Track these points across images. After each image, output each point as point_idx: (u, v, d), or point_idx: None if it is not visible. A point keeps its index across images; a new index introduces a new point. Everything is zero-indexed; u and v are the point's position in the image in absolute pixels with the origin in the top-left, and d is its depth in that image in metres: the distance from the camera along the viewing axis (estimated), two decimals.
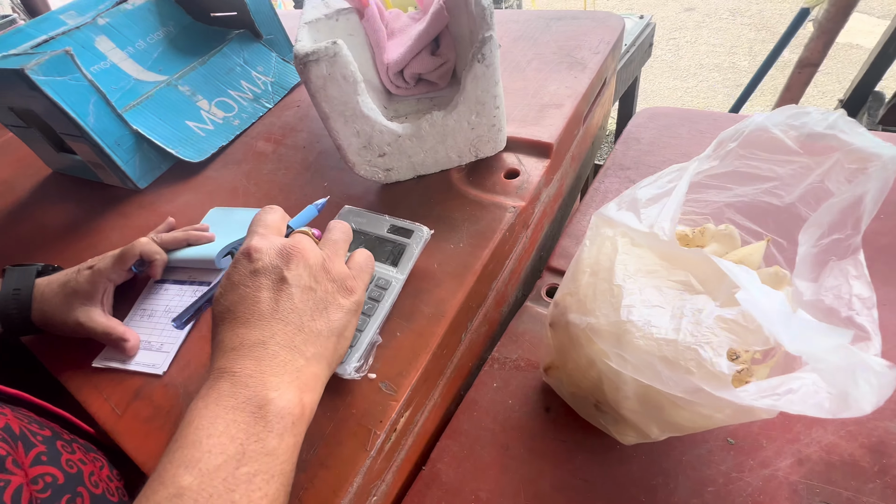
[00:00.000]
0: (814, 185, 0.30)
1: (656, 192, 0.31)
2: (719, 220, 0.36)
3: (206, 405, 0.24)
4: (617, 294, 0.28)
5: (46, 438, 0.34)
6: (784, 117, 0.30)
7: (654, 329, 0.25)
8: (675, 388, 0.24)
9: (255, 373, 0.25)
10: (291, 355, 0.27)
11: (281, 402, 0.25)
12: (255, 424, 0.24)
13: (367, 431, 0.33)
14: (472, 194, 0.47)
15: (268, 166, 0.60)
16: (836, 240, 0.28)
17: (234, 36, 0.73)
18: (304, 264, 0.29)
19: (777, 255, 0.34)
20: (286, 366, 0.26)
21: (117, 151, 0.59)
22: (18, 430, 0.32)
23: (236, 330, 0.27)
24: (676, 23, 2.69)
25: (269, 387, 0.25)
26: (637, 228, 0.29)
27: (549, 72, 0.58)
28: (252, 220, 0.32)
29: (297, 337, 0.27)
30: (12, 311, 0.43)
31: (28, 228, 0.64)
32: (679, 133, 0.60)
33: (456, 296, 0.39)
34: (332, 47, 0.37)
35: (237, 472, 0.22)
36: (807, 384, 0.21)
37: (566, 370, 0.34)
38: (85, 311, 0.42)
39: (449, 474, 0.37)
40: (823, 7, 0.87)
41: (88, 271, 0.44)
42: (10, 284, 0.44)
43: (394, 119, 0.51)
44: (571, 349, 0.32)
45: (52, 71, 0.51)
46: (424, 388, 0.37)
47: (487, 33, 0.38)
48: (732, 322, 0.24)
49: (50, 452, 0.33)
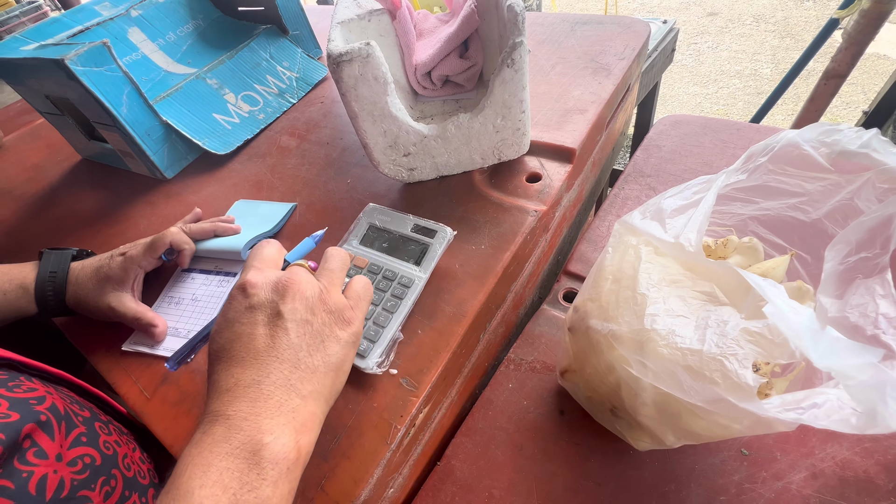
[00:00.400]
0: (843, 202, 0.30)
1: (682, 202, 0.32)
2: (743, 233, 0.36)
3: (199, 452, 0.23)
4: (641, 302, 0.28)
5: (86, 419, 0.35)
6: (816, 134, 0.30)
7: (678, 339, 0.26)
8: (697, 398, 0.25)
9: (249, 415, 0.24)
10: (287, 395, 0.26)
11: (276, 447, 0.24)
12: (249, 472, 0.23)
13: (387, 425, 0.34)
14: (495, 196, 0.47)
15: (292, 161, 0.61)
16: (864, 258, 0.28)
17: (262, 31, 0.74)
18: (299, 297, 0.28)
19: (800, 269, 0.34)
20: (281, 407, 0.25)
21: (147, 141, 0.61)
22: (63, 410, 0.33)
23: (231, 369, 0.26)
24: (698, 27, 2.65)
25: (263, 430, 0.24)
26: (663, 238, 0.29)
27: (573, 76, 0.59)
28: (248, 255, 0.32)
29: (293, 375, 0.26)
30: (48, 293, 0.44)
31: (60, 213, 0.66)
32: (701, 142, 0.60)
33: (476, 297, 0.39)
34: (365, 48, 0.38)
35: None
36: (831, 399, 0.21)
37: (584, 374, 0.35)
38: (116, 296, 0.44)
39: (463, 471, 0.38)
40: (854, 18, 0.86)
41: (121, 258, 0.45)
42: (47, 267, 0.45)
43: (420, 120, 0.51)
44: (591, 354, 0.32)
45: (90, 62, 0.53)
46: (443, 385, 0.38)
47: (518, 38, 0.39)
48: (758, 335, 0.24)
49: (89, 433, 0.34)
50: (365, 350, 0.36)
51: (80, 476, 0.31)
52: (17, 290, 0.44)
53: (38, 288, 0.44)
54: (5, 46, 0.61)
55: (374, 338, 0.37)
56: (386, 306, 0.38)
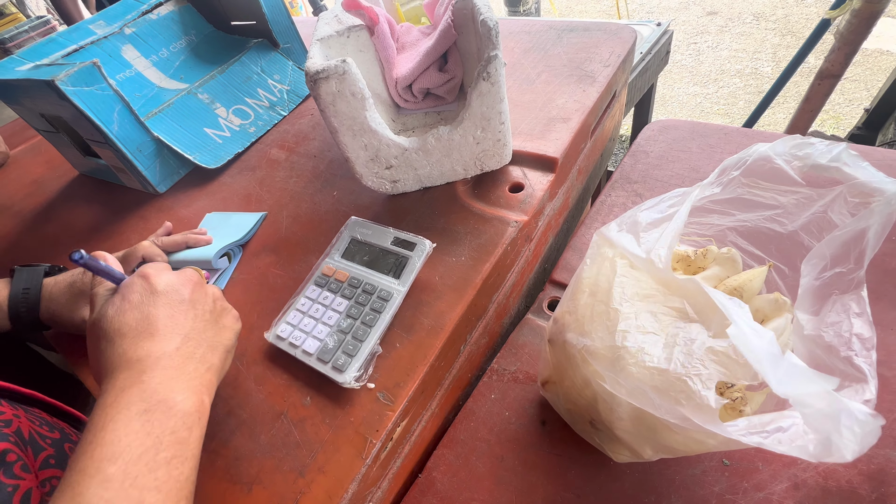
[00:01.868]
0: (817, 215, 0.30)
1: (657, 216, 0.32)
2: (722, 243, 0.36)
3: (117, 411, 0.27)
4: (613, 318, 0.28)
5: (55, 441, 0.35)
6: (788, 147, 0.30)
7: (646, 357, 0.26)
8: (667, 416, 0.24)
9: (163, 380, 0.29)
10: (194, 365, 0.31)
11: (187, 405, 0.29)
12: (167, 421, 0.28)
13: (363, 440, 0.34)
14: (476, 207, 0.48)
15: (280, 174, 0.62)
16: (839, 273, 0.27)
17: (253, 45, 0.75)
18: (201, 291, 0.35)
19: (778, 281, 0.34)
20: (190, 374, 0.31)
21: (139, 157, 0.62)
22: (28, 435, 0.33)
23: (140, 343, 0.30)
24: (698, 27, 2.64)
25: (175, 391, 0.29)
26: (635, 253, 0.29)
27: (558, 84, 0.59)
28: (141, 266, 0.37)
29: (197, 350, 0.32)
30: (21, 310, 0.46)
31: (55, 228, 0.67)
32: (689, 147, 0.60)
33: (455, 309, 0.40)
34: (341, 65, 0.38)
35: (157, 457, 0.26)
36: (797, 424, 0.21)
37: (563, 387, 0.35)
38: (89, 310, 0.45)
39: (444, 483, 0.38)
40: (845, 18, 0.85)
41: None
42: (20, 284, 0.47)
43: (401, 132, 0.52)
44: (568, 367, 0.32)
45: (80, 81, 0.54)
46: (421, 398, 0.38)
47: (493, 52, 0.39)
48: (723, 354, 0.24)
49: (58, 455, 0.34)
50: (343, 364, 0.36)
51: (49, 498, 0.31)
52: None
53: (12, 304, 0.45)
54: (2, 67, 0.63)
55: (352, 352, 0.37)
56: (365, 320, 0.39)
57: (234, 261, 0.52)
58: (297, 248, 0.50)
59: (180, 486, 0.27)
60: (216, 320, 0.35)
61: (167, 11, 0.73)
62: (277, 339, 0.40)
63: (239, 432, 0.37)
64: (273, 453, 0.35)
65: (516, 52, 0.67)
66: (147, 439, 0.26)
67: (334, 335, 0.38)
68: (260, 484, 0.34)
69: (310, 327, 0.40)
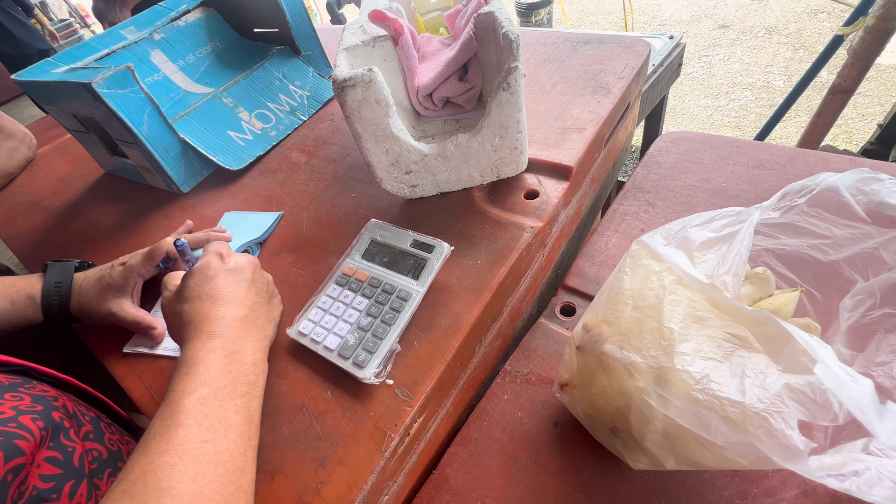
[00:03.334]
0: (867, 250, 0.30)
1: (711, 235, 0.31)
2: (756, 262, 0.36)
3: (206, 353, 0.34)
4: (668, 337, 0.27)
5: (92, 419, 0.38)
6: (855, 180, 0.29)
7: (714, 385, 0.25)
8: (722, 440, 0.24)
9: (238, 337, 0.36)
10: (256, 331, 0.38)
11: (255, 357, 0.36)
12: (241, 366, 0.35)
13: (382, 433, 0.35)
14: (492, 213, 0.49)
15: (301, 176, 0.64)
16: (888, 314, 0.27)
17: (276, 52, 0.77)
18: (260, 273, 0.43)
19: (808, 306, 0.34)
20: (256, 336, 0.38)
21: (165, 158, 0.64)
22: (72, 410, 0.37)
23: (217, 308, 0.37)
24: (710, 40, 2.65)
25: (246, 347, 0.36)
26: (694, 275, 0.28)
27: (573, 95, 0.60)
28: (206, 246, 0.43)
29: (258, 320, 0.39)
30: (54, 302, 0.48)
31: (82, 224, 0.70)
32: (701, 158, 0.61)
33: (472, 310, 0.41)
34: (367, 74, 0.40)
35: (235, 390, 0.33)
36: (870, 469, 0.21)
37: (587, 392, 0.34)
38: (117, 303, 0.47)
39: (457, 479, 0.39)
40: (858, 34, 0.86)
41: (121, 267, 0.49)
42: (52, 278, 0.49)
43: (421, 139, 0.53)
44: (600, 375, 0.32)
45: (115, 84, 0.56)
46: (438, 396, 0.39)
47: (513, 64, 0.41)
48: (801, 392, 0.23)
49: (96, 431, 0.37)
50: (363, 361, 0.38)
51: (92, 466, 0.34)
52: (25, 299, 0.48)
53: (45, 297, 0.48)
54: (38, 70, 0.66)
55: (372, 349, 0.38)
56: (384, 318, 0.40)
57: None
58: (317, 248, 0.52)
59: (252, 414, 0.33)
60: (269, 299, 0.43)
61: (194, 18, 0.76)
62: (299, 335, 0.42)
63: (262, 423, 0.38)
64: (295, 444, 0.36)
65: (532, 63, 0.69)
66: (228, 376, 0.33)
67: (355, 332, 0.40)
68: (282, 473, 0.35)
69: (331, 324, 0.41)
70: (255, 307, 0.39)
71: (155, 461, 0.27)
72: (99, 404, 0.44)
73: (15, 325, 0.48)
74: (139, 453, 0.28)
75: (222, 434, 0.30)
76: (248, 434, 0.32)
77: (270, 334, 0.40)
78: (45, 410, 0.34)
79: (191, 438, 0.29)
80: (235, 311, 0.37)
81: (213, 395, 0.31)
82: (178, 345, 0.37)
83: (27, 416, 0.32)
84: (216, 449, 0.29)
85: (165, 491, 0.26)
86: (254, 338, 0.37)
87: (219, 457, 0.29)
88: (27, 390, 0.35)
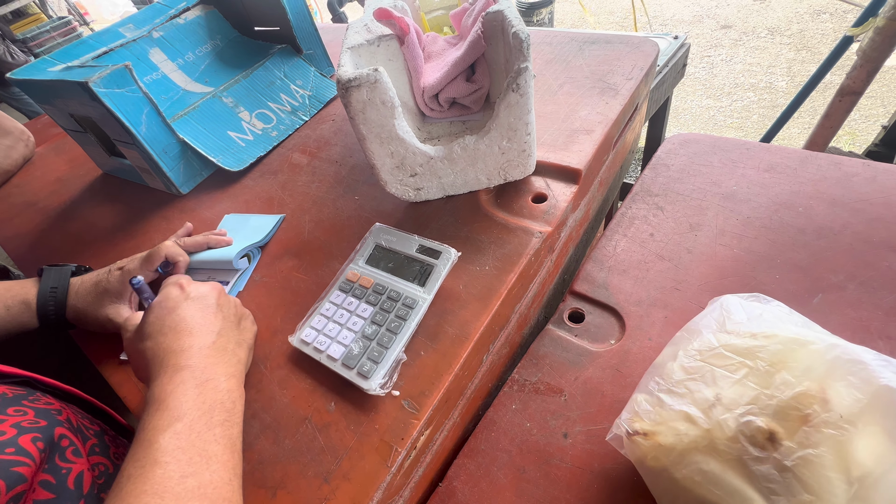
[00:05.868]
0: None
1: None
2: None
3: (175, 386, 0.32)
4: None
5: (96, 432, 0.37)
6: None
7: None
8: None
9: (208, 365, 0.34)
10: (227, 357, 0.36)
11: (230, 384, 0.35)
12: (216, 394, 0.33)
13: (388, 447, 0.34)
14: (500, 217, 0.48)
15: (302, 178, 0.62)
16: None
17: (277, 50, 0.76)
18: (225, 298, 0.41)
19: None
20: (228, 361, 0.36)
21: (164, 158, 0.63)
22: (76, 423, 0.36)
23: (181, 339, 0.35)
24: (712, 40, 2.64)
25: (218, 374, 0.34)
26: None
27: (580, 96, 0.59)
28: (167, 279, 0.41)
29: (228, 345, 0.37)
30: (49, 308, 0.47)
31: (79, 226, 0.68)
32: (710, 161, 0.59)
33: (480, 318, 0.40)
34: (373, 74, 0.39)
35: (212, 419, 0.31)
36: None
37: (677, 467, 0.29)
38: (114, 308, 0.46)
39: (465, 493, 0.38)
40: (868, 35, 0.85)
41: (119, 272, 0.47)
42: (48, 283, 0.48)
43: (427, 141, 0.52)
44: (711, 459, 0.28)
45: (112, 84, 0.55)
46: (445, 407, 0.38)
47: (523, 64, 0.39)
48: None
49: (101, 444, 0.36)
50: (368, 371, 0.36)
51: (99, 481, 0.33)
52: (20, 305, 0.46)
53: (40, 303, 0.46)
54: (34, 68, 0.64)
55: (377, 359, 0.37)
56: (390, 327, 0.39)
57: (253, 262, 0.53)
58: (320, 252, 0.51)
59: (233, 442, 0.32)
60: (238, 322, 0.41)
61: (194, 16, 0.74)
62: (302, 344, 0.40)
63: (263, 436, 0.37)
64: (297, 458, 0.35)
65: (538, 63, 0.67)
66: (203, 405, 0.32)
67: (359, 341, 0.39)
68: (284, 489, 0.34)
69: (334, 332, 0.40)
70: (223, 332, 0.38)
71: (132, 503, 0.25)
72: (102, 415, 0.42)
73: (10, 331, 0.46)
74: (113, 499, 0.26)
75: (203, 466, 0.29)
76: (232, 463, 0.31)
77: (244, 359, 0.39)
78: (48, 426, 0.33)
79: (170, 475, 0.27)
80: (203, 340, 0.36)
81: (189, 428, 0.30)
82: (145, 385, 0.35)
83: (27, 437, 0.31)
84: (199, 483, 0.28)
85: None
86: (225, 363, 0.36)
87: (202, 490, 0.28)
88: (31, 403, 0.34)
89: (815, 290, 0.42)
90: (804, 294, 0.42)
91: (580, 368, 0.42)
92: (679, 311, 0.43)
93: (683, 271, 0.46)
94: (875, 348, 0.39)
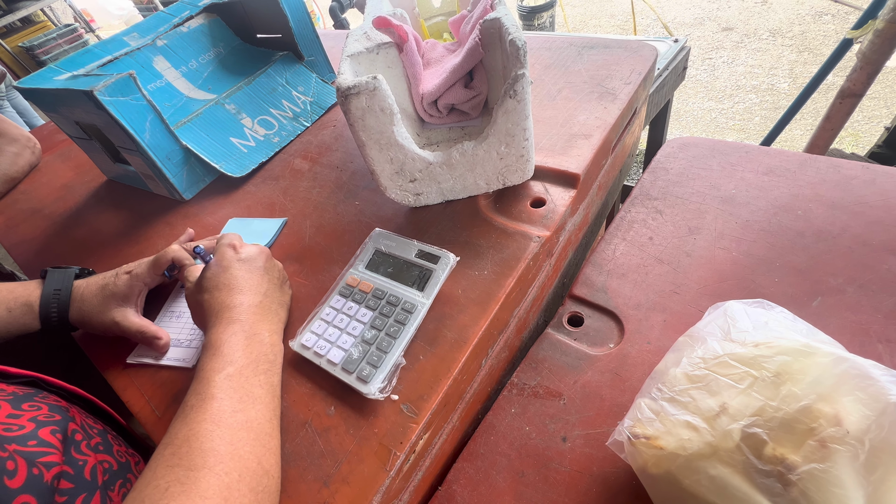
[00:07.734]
0: None
1: None
2: None
3: (228, 336, 0.37)
4: None
5: (100, 431, 0.38)
6: None
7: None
8: None
9: (255, 322, 0.39)
10: (271, 315, 0.41)
11: (272, 339, 0.39)
12: (260, 347, 0.38)
13: (387, 451, 0.34)
14: (498, 222, 0.48)
15: (304, 184, 0.63)
16: None
17: (279, 57, 0.77)
18: (271, 261, 0.45)
19: None
20: (271, 319, 0.41)
21: (167, 165, 0.63)
22: (80, 422, 0.36)
23: (234, 296, 0.40)
24: (713, 42, 2.64)
25: (263, 330, 0.39)
26: None
27: (579, 101, 0.59)
28: (220, 237, 0.45)
29: (272, 306, 0.42)
30: (52, 310, 0.47)
31: (84, 232, 0.69)
32: (709, 165, 0.60)
33: (479, 323, 0.40)
34: (372, 82, 0.39)
35: (258, 367, 0.36)
36: None
37: (682, 474, 0.29)
38: (121, 312, 0.47)
39: (464, 496, 0.38)
40: (868, 38, 0.85)
41: (126, 276, 0.48)
42: (52, 285, 0.48)
43: (426, 146, 0.53)
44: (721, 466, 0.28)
45: (117, 92, 0.56)
46: (444, 411, 0.38)
47: (520, 71, 0.40)
48: None
49: (105, 443, 0.37)
50: (368, 375, 0.37)
51: (104, 478, 0.34)
52: (22, 307, 0.47)
53: (43, 305, 0.47)
54: (41, 77, 0.65)
55: (377, 363, 0.37)
56: (389, 331, 0.39)
57: None
58: (320, 257, 0.51)
59: (274, 388, 0.37)
60: (281, 285, 0.45)
61: (197, 24, 0.75)
62: (302, 348, 0.41)
63: None
64: (297, 462, 0.35)
65: (537, 68, 0.68)
66: (250, 355, 0.36)
67: (359, 346, 0.39)
68: (284, 493, 0.34)
69: (334, 337, 0.40)
70: (268, 293, 0.42)
71: (195, 428, 0.30)
72: (104, 416, 0.43)
73: (11, 333, 0.47)
74: (179, 423, 0.31)
75: (250, 405, 0.33)
76: (273, 405, 0.35)
77: (284, 318, 0.43)
78: (62, 420, 0.34)
79: (224, 409, 0.32)
80: (251, 298, 0.40)
81: (239, 373, 0.34)
82: (202, 331, 0.40)
83: (46, 430, 0.33)
84: (246, 418, 0.32)
85: (209, 452, 0.29)
86: (269, 321, 0.40)
87: (249, 424, 0.32)
88: (42, 400, 0.35)
89: (814, 294, 0.42)
90: (803, 297, 0.42)
91: (579, 372, 0.42)
92: (678, 314, 0.43)
93: (682, 275, 0.46)
94: (874, 352, 0.39)
